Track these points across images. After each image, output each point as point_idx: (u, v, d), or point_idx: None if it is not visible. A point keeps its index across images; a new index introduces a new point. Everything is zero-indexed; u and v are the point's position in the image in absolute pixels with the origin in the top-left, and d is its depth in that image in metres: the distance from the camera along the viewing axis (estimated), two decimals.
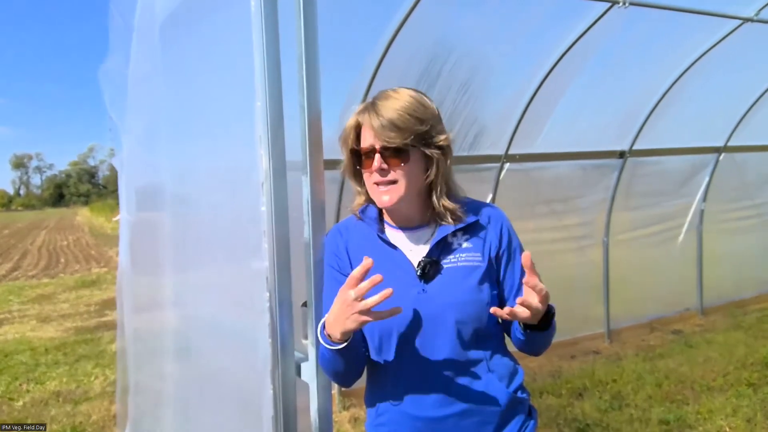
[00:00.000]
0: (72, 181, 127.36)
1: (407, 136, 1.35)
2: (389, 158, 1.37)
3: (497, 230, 1.45)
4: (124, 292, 2.84)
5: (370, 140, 1.38)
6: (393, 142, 1.35)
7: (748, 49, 4.63)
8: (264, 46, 1.40)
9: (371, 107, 1.39)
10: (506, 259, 1.45)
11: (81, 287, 11.15)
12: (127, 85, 2.47)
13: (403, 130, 1.35)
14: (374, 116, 1.36)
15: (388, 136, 1.35)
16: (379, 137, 1.36)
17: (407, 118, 1.35)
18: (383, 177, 1.38)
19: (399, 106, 1.36)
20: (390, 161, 1.37)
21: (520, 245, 1.48)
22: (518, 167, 4.63)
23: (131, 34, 2.39)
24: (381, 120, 1.35)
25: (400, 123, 1.34)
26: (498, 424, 1.41)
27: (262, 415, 1.48)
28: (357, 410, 4.07)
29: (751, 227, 6.33)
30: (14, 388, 5.19)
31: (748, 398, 4.00)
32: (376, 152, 1.37)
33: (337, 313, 1.24)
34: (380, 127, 1.35)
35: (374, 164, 1.37)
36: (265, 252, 1.42)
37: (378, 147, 1.37)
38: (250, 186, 1.45)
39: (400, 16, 3.43)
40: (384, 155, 1.37)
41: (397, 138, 1.35)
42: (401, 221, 1.48)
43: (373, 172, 1.38)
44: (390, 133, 1.34)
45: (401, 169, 1.37)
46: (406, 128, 1.35)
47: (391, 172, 1.37)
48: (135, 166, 2.61)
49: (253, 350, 1.50)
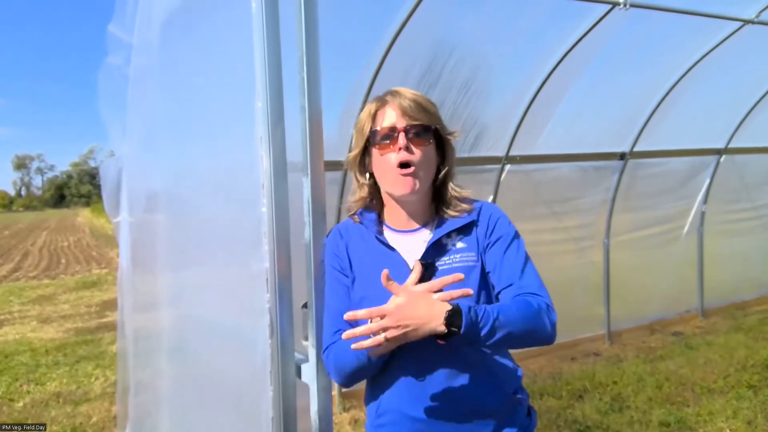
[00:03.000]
0: (73, 182, 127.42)
1: (430, 118, 1.40)
2: (413, 139, 1.39)
3: (485, 224, 1.45)
4: (124, 293, 2.84)
5: (392, 121, 1.40)
6: (419, 121, 1.38)
7: (748, 51, 4.63)
8: (265, 46, 1.40)
9: (393, 93, 1.43)
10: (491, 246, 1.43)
11: (82, 288, 11.15)
12: (127, 86, 2.47)
13: (428, 113, 1.40)
14: (400, 97, 1.40)
15: (416, 115, 1.38)
16: (406, 116, 1.38)
17: (430, 103, 1.41)
18: (408, 155, 1.38)
19: (420, 95, 1.41)
20: (413, 141, 1.38)
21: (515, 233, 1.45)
22: (519, 168, 4.63)
23: (131, 35, 2.39)
24: (407, 101, 1.39)
25: (425, 104, 1.40)
26: (497, 425, 1.41)
27: (262, 417, 1.48)
28: (357, 411, 4.07)
29: (751, 229, 6.32)
30: (14, 389, 5.19)
31: (748, 400, 3.99)
32: (398, 132, 1.38)
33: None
34: (408, 106, 1.38)
35: (399, 142, 1.37)
36: (265, 253, 1.42)
37: (402, 126, 1.39)
38: (250, 187, 1.45)
39: (401, 17, 3.43)
40: (408, 134, 1.38)
41: (423, 118, 1.39)
42: (402, 222, 1.48)
43: (395, 151, 1.38)
44: (417, 113, 1.38)
45: (424, 150, 1.39)
46: (430, 111, 1.40)
47: (414, 152, 1.38)
48: (135, 166, 2.61)
49: (254, 351, 1.50)
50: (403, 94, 1.41)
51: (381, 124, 1.41)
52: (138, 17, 2.34)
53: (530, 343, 1.34)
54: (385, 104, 1.42)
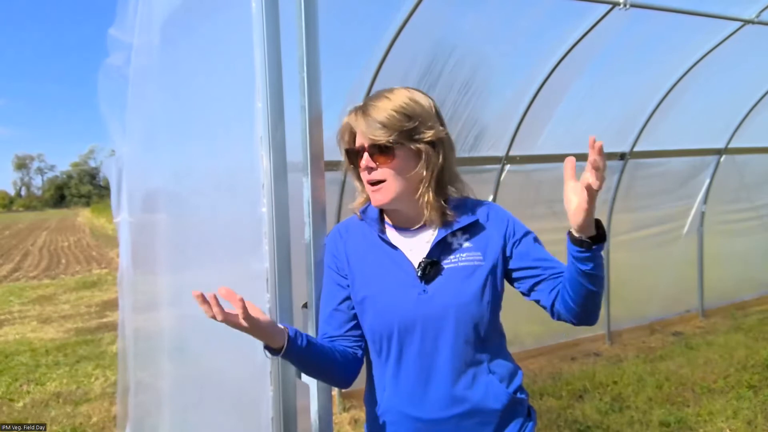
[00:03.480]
0: (73, 182, 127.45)
1: (391, 134, 1.35)
2: (376, 156, 1.38)
3: (502, 228, 1.44)
4: (124, 293, 2.84)
5: (360, 139, 1.40)
6: (378, 140, 1.36)
7: (748, 51, 4.63)
8: (265, 46, 1.40)
9: (360, 108, 1.41)
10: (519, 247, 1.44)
11: (82, 288, 11.15)
12: (127, 86, 2.47)
13: (388, 128, 1.35)
14: (360, 116, 1.38)
15: (374, 134, 1.36)
16: (367, 135, 1.37)
17: (393, 116, 1.35)
18: (371, 175, 1.39)
19: (388, 105, 1.37)
20: (377, 159, 1.38)
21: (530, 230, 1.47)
22: (519, 168, 4.63)
23: (132, 35, 2.39)
24: (366, 119, 1.37)
25: (385, 121, 1.35)
26: (497, 425, 1.41)
27: (262, 416, 1.48)
28: (357, 411, 4.06)
29: (751, 229, 6.32)
30: (14, 389, 5.19)
31: (748, 400, 3.99)
32: (364, 151, 1.38)
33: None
34: (365, 126, 1.37)
35: (362, 162, 1.39)
36: (265, 253, 1.42)
37: (364, 146, 1.38)
38: (250, 187, 1.45)
39: (401, 17, 3.43)
40: (371, 153, 1.38)
41: (381, 136, 1.35)
42: (402, 222, 1.47)
43: (363, 170, 1.40)
44: (375, 132, 1.36)
45: (388, 166, 1.38)
46: (391, 126, 1.35)
47: (379, 170, 1.38)
48: (136, 166, 2.61)
49: (254, 351, 1.50)
50: (367, 110, 1.38)
51: (349, 144, 1.45)
52: (138, 18, 2.34)
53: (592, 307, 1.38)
54: (351, 122, 1.41)
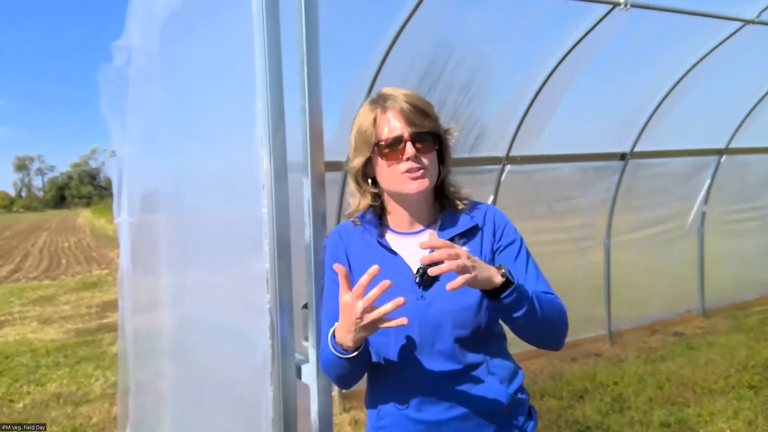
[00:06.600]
0: (73, 183, 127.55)
1: (433, 122, 1.37)
2: (420, 145, 1.36)
3: (491, 228, 1.44)
4: (124, 294, 2.84)
5: (397, 130, 1.37)
6: (424, 128, 1.36)
7: (749, 51, 4.63)
8: (265, 46, 1.40)
9: (389, 97, 1.38)
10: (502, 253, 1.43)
11: (82, 289, 11.16)
12: (127, 87, 2.47)
13: (429, 117, 1.37)
14: (400, 102, 1.36)
15: (420, 121, 1.35)
16: (410, 124, 1.35)
17: (430, 106, 1.37)
18: (417, 164, 1.36)
19: (420, 98, 1.37)
20: (421, 149, 1.37)
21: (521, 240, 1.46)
22: (519, 169, 4.63)
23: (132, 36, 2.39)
24: (408, 106, 1.35)
25: (425, 108, 1.36)
26: (498, 426, 1.41)
27: (262, 417, 1.48)
28: (357, 412, 4.06)
29: (752, 229, 6.32)
30: (15, 390, 5.19)
31: (749, 401, 3.99)
32: (405, 141, 1.35)
33: (348, 323, 1.23)
34: (410, 112, 1.35)
35: (407, 152, 1.35)
36: (265, 254, 1.42)
37: (407, 135, 1.36)
38: (250, 187, 1.45)
39: (402, 17, 3.43)
40: (416, 144, 1.36)
41: (427, 124, 1.36)
42: (404, 225, 1.47)
43: (403, 161, 1.36)
44: (420, 119, 1.35)
45: (431, 154, 1.39)
46: (431, 115, 1.37)
47: (421, 158, 1.37)
48: (136, 167, 2.61)
49: (254, 352, 1.50)
50: (400, 98, 1.37)
51: (385, 134, 1.38)
52: (138, 18, 2.34)
53: (552, 334, 1.36)
54: (386, 110, 1.38)
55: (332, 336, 1.32)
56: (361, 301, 1.19)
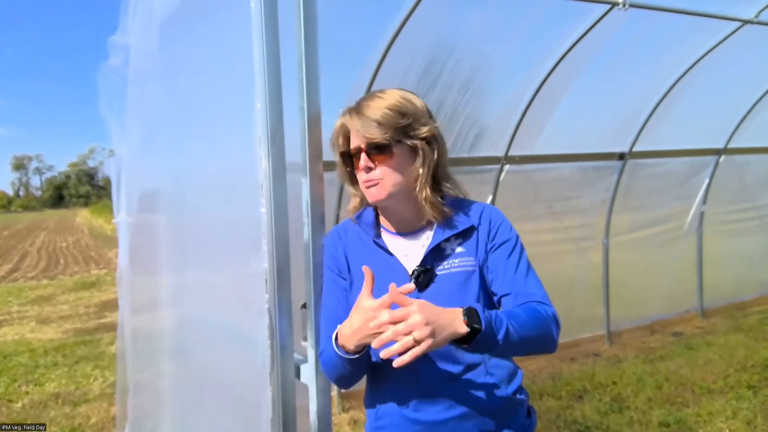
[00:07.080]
0: (72, 183, 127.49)
1: (387, 131, 1.36)
2: (374, 155, 1.38)
3: (486, 228, 1.44)
4: (123, 294, 2.84)
5: (356, 141, 1.40)
6: (374, 139, 1.36)
7: (748, 51, 4.63)
8: (264, 46, 1.40)
9: (353, 108, 1.41)
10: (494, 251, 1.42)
11: (80, 289, 11.15)
12: (126, 86, 2.47)
13: (384, 126, 1.35)
14: (355, 116, 1.38)
15: (370, 133, 1.36)
16: (361, 135, 1.37)
17: (388, 113, 1.36)
18: (369, 175, 1.39)
19: (382, 104, 1.37)
20: (375, 158, 1.38)
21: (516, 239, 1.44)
22: (518, 169, 4.63)
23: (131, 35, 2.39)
24: (362, 119, 1.37)
25: (380, 119, 1.35)
26: (497, 426, 1.41)
27: (261, 417, 1.48)
28: (356, 412, 4.06)
29: (751, 229, 6.32)
30: (13, 390, 5.19)
31: (748, 401, 3.99)
32: (362, 151, 1.38)
33: (358, 328, 1.22)
34: (361, 125, 1.37)
35: (361, 163, 1.39)
36: (264, 253, 1.42)
37: (363, 146, 1.38)
38: (249, 187, 1.45)
39: (401, 17, 3.43)
40: (369, 153, 1.38)
41: (377, 134, 1.35)
42: (398, 224, 1.47)
43: (360, 171, 1.40)
44: (371, 130, 1.36)
45: (387, 165, 1.38)
46: (387, 123, 1.36)
47: (377, 169, 1.38)
48: (135, 167, 2.61)
49: (252, 352, 1.50)
50: (361, 110, 1.38)
51: (342, 145, 1.45)
52: (137, 18, 2.33)
53: (538, 350, 1.34)
54: (346, 121, 1.41)
55: (335, 337, 1.32)
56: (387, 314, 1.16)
